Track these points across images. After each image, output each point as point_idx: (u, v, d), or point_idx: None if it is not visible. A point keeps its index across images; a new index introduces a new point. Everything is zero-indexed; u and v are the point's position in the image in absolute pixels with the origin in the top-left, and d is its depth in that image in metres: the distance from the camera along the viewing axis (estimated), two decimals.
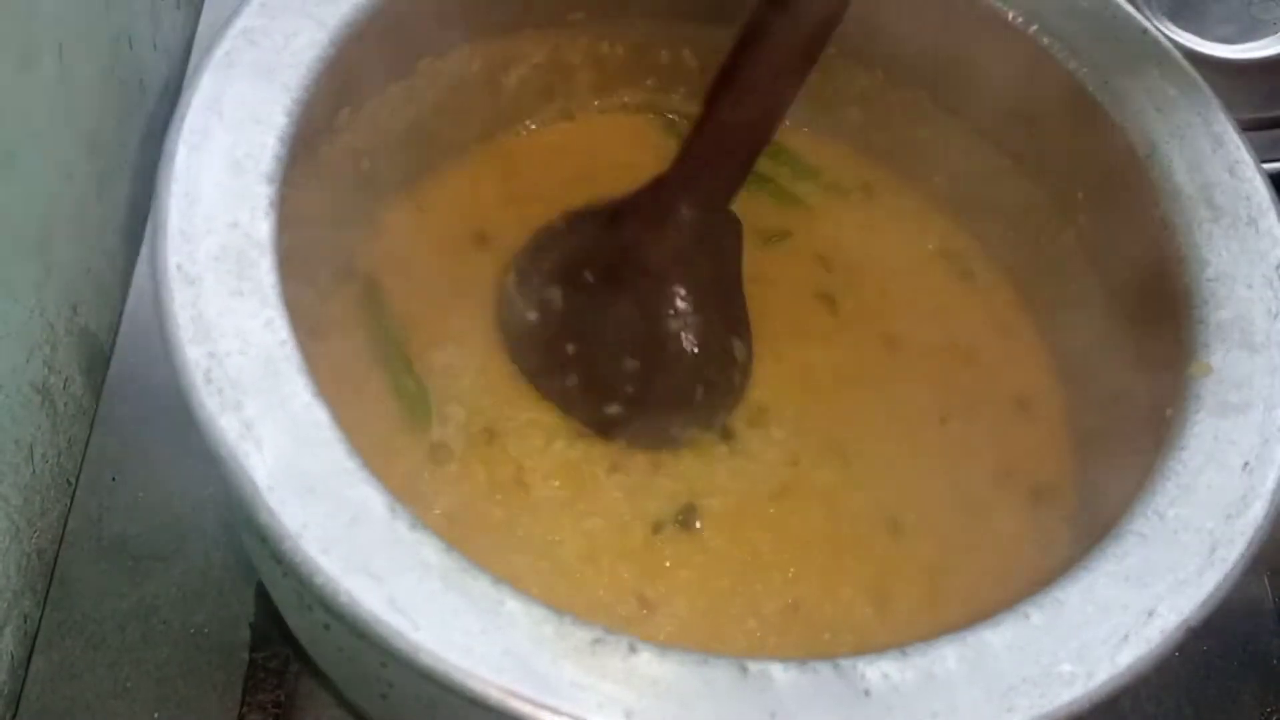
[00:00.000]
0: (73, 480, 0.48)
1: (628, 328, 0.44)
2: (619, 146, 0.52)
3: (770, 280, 0.48)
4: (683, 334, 0.43)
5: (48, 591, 0.46)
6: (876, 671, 0.30)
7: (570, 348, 0.44)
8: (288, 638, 0.45)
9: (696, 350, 0.44)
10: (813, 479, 0.44)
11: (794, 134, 0.52)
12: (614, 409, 0.44)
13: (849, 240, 0.50)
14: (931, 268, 0.50)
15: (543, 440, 0.44)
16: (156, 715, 0.44)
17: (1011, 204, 0.48)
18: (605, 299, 0.44)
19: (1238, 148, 0.41)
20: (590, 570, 0.41)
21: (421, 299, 0.46)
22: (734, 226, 0.44)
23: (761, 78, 0.41)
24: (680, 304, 0.43)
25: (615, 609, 0.41)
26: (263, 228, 0.34)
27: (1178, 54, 0.43)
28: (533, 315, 0.44)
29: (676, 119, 0.53)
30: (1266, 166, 0.41)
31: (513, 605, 0.30)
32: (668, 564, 0.42)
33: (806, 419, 0.45)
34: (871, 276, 0.49)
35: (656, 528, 0.42)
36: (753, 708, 0.29)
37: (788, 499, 0.44)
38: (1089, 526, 0.39)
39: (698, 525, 0.43)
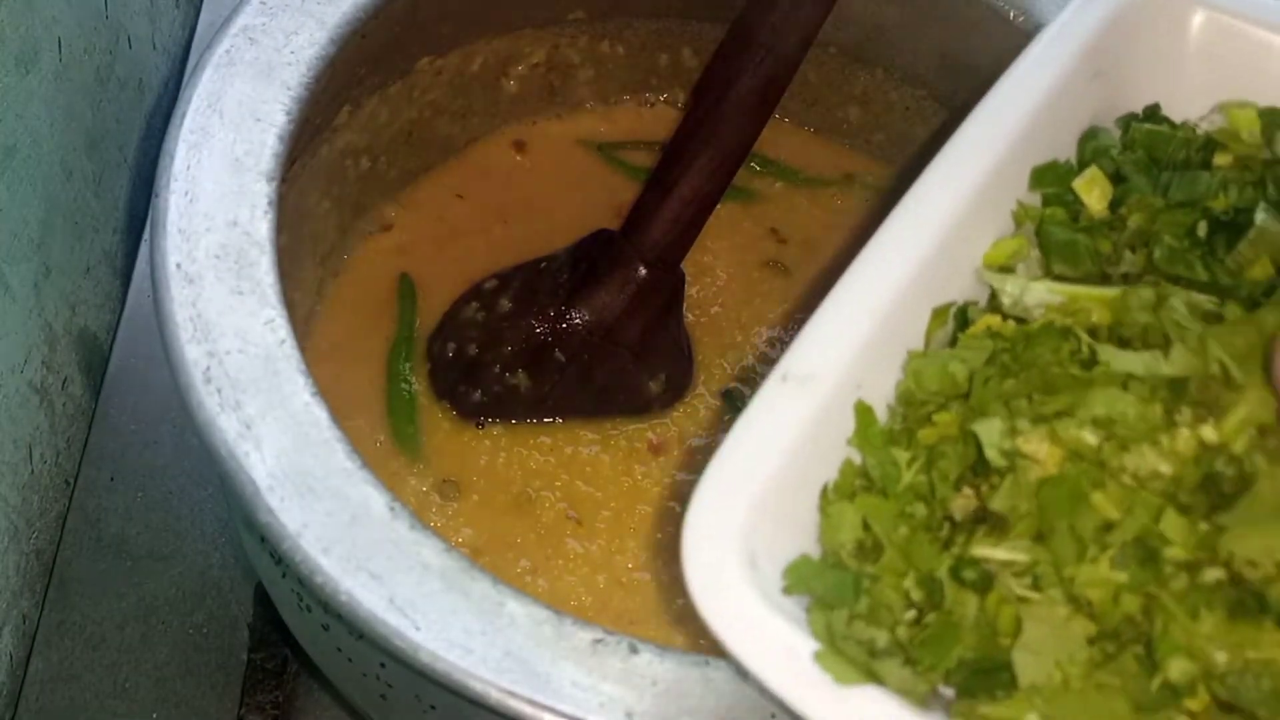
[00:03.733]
0: (71, 480, 0.48)
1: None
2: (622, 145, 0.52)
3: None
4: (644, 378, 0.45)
5: (46, 592, 0.46)
6: None
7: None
8: (286, 638, 0.45)
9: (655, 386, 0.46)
10: None
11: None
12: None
13: None
14: None
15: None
16: (155, 716, 0.44)
17: None
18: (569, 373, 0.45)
19: None
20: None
21: (432, 297, 0.47)
22: (679, 279, 0.45)
23: (718, 135, 0.41)
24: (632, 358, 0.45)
25: None
26: (262, 226, 0.34)
27: None
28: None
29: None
30: None
31: (513, 606, 0.30)
32: None
33: None
34: None
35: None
36: (752, 708, 0.29)
37: None
38: None
39: None
